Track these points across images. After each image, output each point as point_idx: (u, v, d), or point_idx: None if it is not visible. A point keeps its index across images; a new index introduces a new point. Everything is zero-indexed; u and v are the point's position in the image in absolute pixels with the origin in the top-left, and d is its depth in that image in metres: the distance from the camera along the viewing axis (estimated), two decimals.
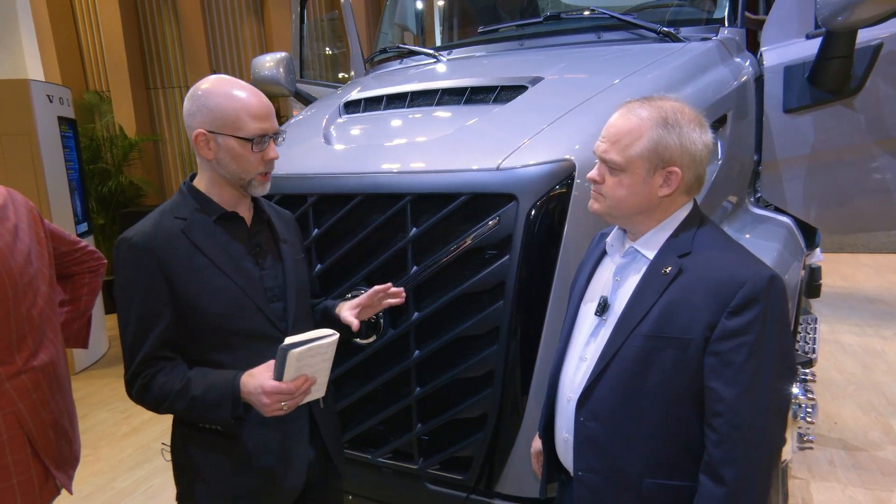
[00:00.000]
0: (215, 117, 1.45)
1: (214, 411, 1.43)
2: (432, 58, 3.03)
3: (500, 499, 1.93)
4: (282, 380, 1.37)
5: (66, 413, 1.75)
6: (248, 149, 1.47)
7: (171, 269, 1.44)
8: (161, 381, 1.44)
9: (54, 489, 1.65)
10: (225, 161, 1.48)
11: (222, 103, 1.45)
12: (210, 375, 1.45)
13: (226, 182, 1.52)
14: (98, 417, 4.38)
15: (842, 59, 2.48)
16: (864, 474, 3.23)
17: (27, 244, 1.64)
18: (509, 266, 1.81)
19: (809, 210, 2.82)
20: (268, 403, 1.39)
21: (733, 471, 1.20)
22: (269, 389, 1.37)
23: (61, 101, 5.40)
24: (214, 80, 1.50)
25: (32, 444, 1.59)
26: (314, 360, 1.40)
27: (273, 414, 1.41)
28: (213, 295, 1.46)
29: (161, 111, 7.90)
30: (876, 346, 5.01)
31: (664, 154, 1.27)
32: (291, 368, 1.37)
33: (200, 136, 1.46)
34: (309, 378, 1.41)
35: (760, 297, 1.20)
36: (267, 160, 1.51)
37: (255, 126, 1.46)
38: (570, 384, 1.43)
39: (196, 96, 1.48)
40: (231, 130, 1.45)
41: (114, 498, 3.35)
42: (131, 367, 1.46)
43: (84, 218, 5.71)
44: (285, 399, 1.40)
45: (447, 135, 2.06)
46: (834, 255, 8.06)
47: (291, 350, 1.34)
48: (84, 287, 1.93)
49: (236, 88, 1.47)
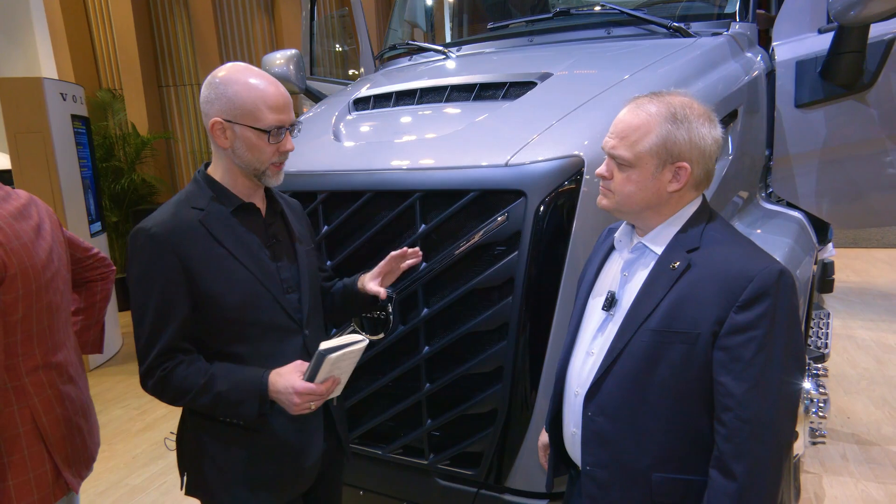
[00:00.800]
0: (234, 106, 1.44)
1: (240, 408, 1.45)
2: (442, 54, 3.04)
3: (511, 493, 1.94)
4: (314, 381, 1.41)
5: (82, 411, 1.75)
6: (265, 140, 1.47)
7: (189, 260, 1.44)
8: (182, 375, 1.44)
9: (65, 486, 1.65)
10: (240, 150, 1.48)
11: (241, 93, 1.44)
12: (235, 372, 1.46)
13: (240, 171, 1.52)
14: (112, 414, 4.43)
15: (854, 54, 2.46)
16: (876, 468, 3.22)
17: (49, 242, 1.67)
18: (518, 262, 1.82)
19: (821, 205, 2.80)
20: (298, 403, 1.42)
21: (743, 465, 1.20)
22: (301, 390, 1.40)
23: (74, 100, 5.45)
24: (232, 67, 1.49)
25: (44, 440, 1.60)
26: (344, 363, 1.44)
27: (300, 412, 1.45)
28: (232, 286, 1.47)
29: (173, 109, 7.95)
30: (890, 340, 4.97)
31: (673, 149, 1.27)
32: (325, 372, 1.41)
33: (217, 124, 1.46)
34: (336, 379, 1.45)
35: (770, 291, 1.20)
36: (282, 151, 1.51)
37: (272, 117, 1.46)
38: (577, 378, 1.44)
39: (214, 84, 1.47)
40: (249, 121, 1.45)
41: (127, 494, 3.39)
42: (147, 360, 1.45)
43: (98, 216, 5.77)
44: (315, 400, 1.43)
45: (456, 131, 2.07)
46: (847, 249, 7.98)
47: (329, 355, 1.38)
48: (98, 294, 1.95)
49: (255, 77, 1.47)
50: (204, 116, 1.49)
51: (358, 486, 2.19)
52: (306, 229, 1.74)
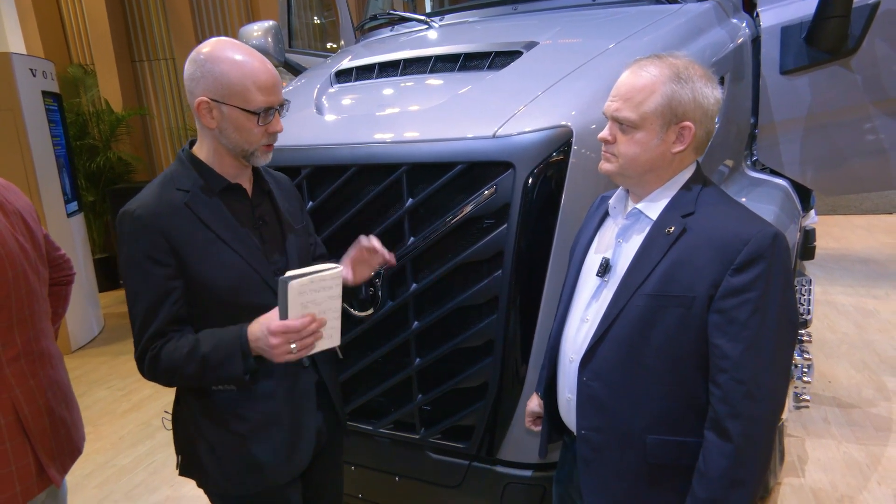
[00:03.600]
0: (221, 86, 1.38)
1: (226, 366, 1.40)
2: (424, 24, 2.98)
3: (502, 465, 1.96)
4: (287, 318, 1.33)
5: (65, 403, 1.71)
6: (254, 122, 1.42)
7: (177, 243, 1.40)
8: (170, 349, 1.42)
9: (47, 479, 1.62)
10: (227, 131, 1.43)
11: (229, 72, 1.38)
12: (217, 333, 1.43)
13: (227, 151, 1.47)
14: (97, 395, 4.39)
15: (839, 19, 2.45)
16: (857, 430, 3.29)
17: (23, 233, 1.63)
18: (507, 235, 1.81)
19: (806, 172, 2.82)
20: (276, 344, 1.33)
21: (739, 425, 1.22)
22: (275, 329, 1.33)
23: (45, 75, 5.28)
24: (218, 43, 1.43)
25: (27, 432, 1.57)
26: (319, 295, 1.35)
27: (284, 359, 1.36)
28: (220, 269, 1.44)
29: (147, 84, 7.75)
30: (868, 305, 5.06)
31: (678, 109, 1.27)
32: (296, 304, 1.32)
33: (203, 104, 1.40)
34: (317, 318, 1.36)
35: (765, 253, 1.21)
36: (271, 133, 1.47)
37: (261, 99, 1.41)
38: (572, 345, 1.44)
39: (199, 60, 1.40)
40: (237, 102, 1.39)
41: (115, 475, 3.37)
42: (142, 342, 1.43)
43: (74, 196, 5.64)
44: (294, 338, 1.34)
45: (442, 103, 2.03)
46: (827, 216, 8.08)
47: (291, 282, 1.29)
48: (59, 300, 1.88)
49: (243, 55, 1.40)
50: (188, 95, 1.43)
51: (349, 461, 2.20)
52: (296, 206, 1.70)
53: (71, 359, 5.05)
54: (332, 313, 1.40)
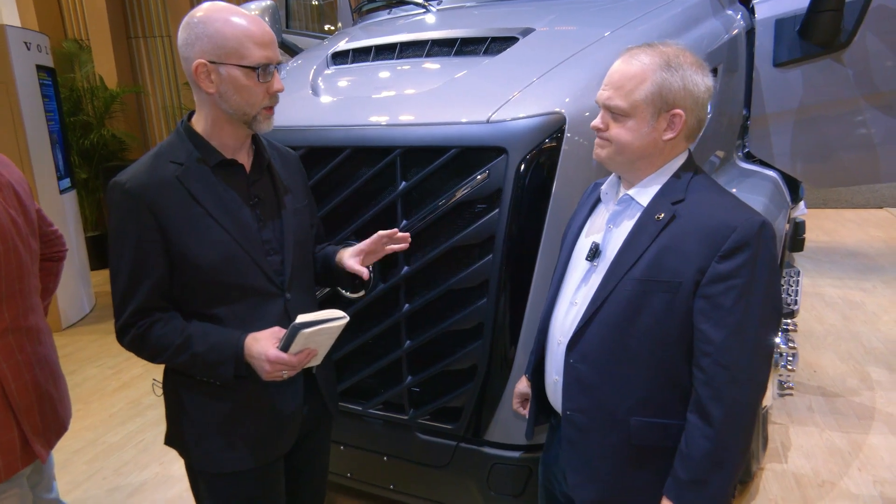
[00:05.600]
0: (216, 45, 1.34)
1: (217, 369, 1.43)
2: (422, 8, 2.97)
3: (490, 446, 1.99)
4: (287, 352, 1.39)
5: (52, 378, 1.71)
6: (254, 79, 1.37)
7: (165, 218, 1.38)
8: (158, 333, 1.42)
9: (32, 454, 1.62)
10: (228, 94, 1.38)
11: (223, 30, 1.34)
12: (212, 334, 1.43)
13: (227, 120, 1.43)
14: (87, 373, 4.40)
15: (832, 13, 2.47)
16: (840, 419, 3.35)
17: (15, 206, 1.62)
18: (499, 220, 1.83)
19: (796, 164, 2.85)
20: (269, 371, 1.40)
21: (721, 408, 1.25)
22: (272, 359, 1.38)
23: (39, 49, 5.22)
24: (210, 6, 1.39)
25: (12, 406, 1.57)
26: (321, 338, 1.42)
27: (272, 379, 1.44)
28: (207, 246, 1.41)
29: (143, 62, 7.68)
30: (855, 297, 5.12)
31: (668, 97, 1.29)
32: (298, 344, 1.39)
33: (201, 66, 1.35)
34: (312, 350, 1.44)
35: (751, 241, 1.24)
36: (272, 92, 1.42)
37: (259, 53, 1.36)
38: (560, 328, 1.47)
39: (192, 24, 1.36)
40: (235, 59, 1.35)
41: (104, 452, 3.38)
42: (123, 316, 1.43)
43: (66, 172, 5.61)
44: (287, 370, 1.42)
45: (437, 87, 2.04)
46: (818, 210, 8.14)
47: (303, 330, 1.35)
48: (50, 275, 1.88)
49: (236, 14, 1.37)
50: (184, 61, 1.38)
51: (339, 441, 2.23)
52: (300, 183, 1.67)
53: (61, 336, 5.06)
54: (325, 347, 1.49)
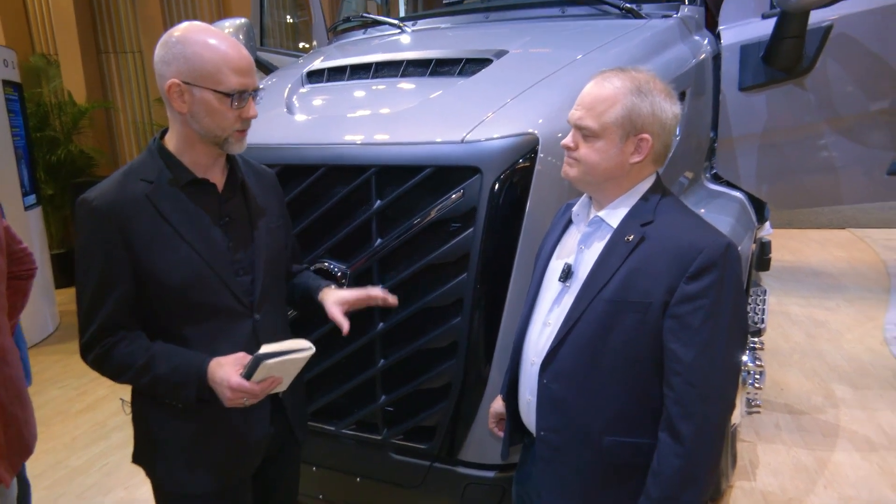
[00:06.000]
0: (193, 67, 1.34)
1: (179, 391, 1.41)
2: (397, 28, 3.00)
3: (464, 466, 1.98)
4: (249, 380, 1.37)
5: (18, 400, 1.68)
6: (227, 104, 1.37)
7: (132, 235, 1.38)
8: (122, 353, 1.41)
9: None
10: (199, 115, 1.38)
11: (201, 53, 1.34)
12: (175, 356, 1.42)
13: (199, 139, 1.42)
14: (50, 394, 4.28)
15: (794, 40, 2.55)
16: (806, 436, 3.42)
17: None
18: (473, 238, 1.84)
19: (761, 186, 2.92)
20: (230, 398, 1.38)
21: (691, 426, 1.27)
22: (234, 386, 1.36)
23: (6, 64, 5.14)
24: (190, 26, 1.39)
25: None
26: (285, 367, 1.41)
27: (233, 406, 1.41)
28: (173, 265, 1.40)
29: (113, 77, 7.60)
30: (820, 316, 5.24)
31: (637, 121, 1.32)
32: (261, 374, 1.37)
33: (174, 86, 1.35)
34: (276, 379, 1.42)
35: (718, 262, 1.27)
36: (244, 118, 1.42)
37: (235, 80, 1.36)
38: (533, 348, 1.48)
39: (171, 43, 1.36)
40: (210, 84, 1.35)
41: (67, 476, 3.28)
42: (87, 333, 1.42)
43: (32, 188, 5.50)
44: (249, 397, 1.39)
45: (412, 107, 2.06)
46: (783, 230, 8.34)
47: (265, 360, 1.34)
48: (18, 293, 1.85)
49: (216, 38, 1.37)
50: (158, 78, 1.39)
51: (310, 462, 2.19)
52: (275, 203, 1.65)
53: None
54: (290, 376, 1.47)
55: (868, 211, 8.44)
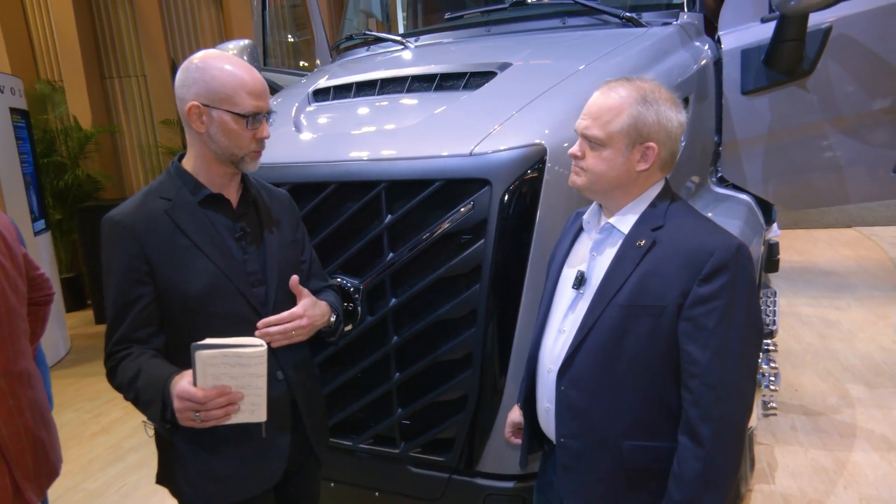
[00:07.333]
0: (211, 90, 1.44)
1: (149, 408, 1.39)
2: (400, 45, 3.03)
3: (482, 477, 1.98)
4: (196, 385, 1.29)
5: (43, 423, 1.70)
6: (243, 125, 1.46)
7: (151, 250, 1.45)
8: (124, 367, 1.44)
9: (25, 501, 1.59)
10: (216, 136, 1.47)
11: (219, 77, 1.44)
12: (155, 369, 1.40)
13: (215, 159, 1.51)
14: (65, 418, 4.29)
15: (795, 42, 2.57)
16: (824, 437, 3.40)
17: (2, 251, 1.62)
18: (485, 250, 1.85)
19: (767, 187, 2.93)
20: (178, 408, 1.32)
21: (710, 427, 1.27)
22: (179, 392, 1.31)
23: (13, 92, 5.21)
24: (209, 53, 1.50)
25: (3, 452, 1.55)
26: (234, 370, 1.29)
27: (186, 424, 1.33)
28: (192, 276, 1.47)
29: (118, 101, 7.67)
30: (831, 316, 5.22)
31: (643, 130, 1.34)
32: (205, 374, 1.27)
33: (194, 108, 1.45)
34: (229, 393, 1.32)
35: (729, 264, 1.28)
36: (259, 139, 1.51)
37: (251, 103, 1.46)
38: (549, 356, 1.49)
39: (191, 69, 1.46)
40: (227, 105, 1.45)
41: (85, 499, 3.29)
42: (106, 348, 1.48)
43: (41, 214, 5.55)
44: (196, 408, 1.31)
45: (419, 121, 2.08)
46: (790, 231, 8.32)
47: (199, 351, 1.25)
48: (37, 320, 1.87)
49: (232, 64, 1.47)
50: (179, 101, 1.48)
51: (329, 478, 2.20)
52: (289, 221, 1.71)
53: None
54: (253, 389, 1.34)
55: (874, 209, 8.41)
